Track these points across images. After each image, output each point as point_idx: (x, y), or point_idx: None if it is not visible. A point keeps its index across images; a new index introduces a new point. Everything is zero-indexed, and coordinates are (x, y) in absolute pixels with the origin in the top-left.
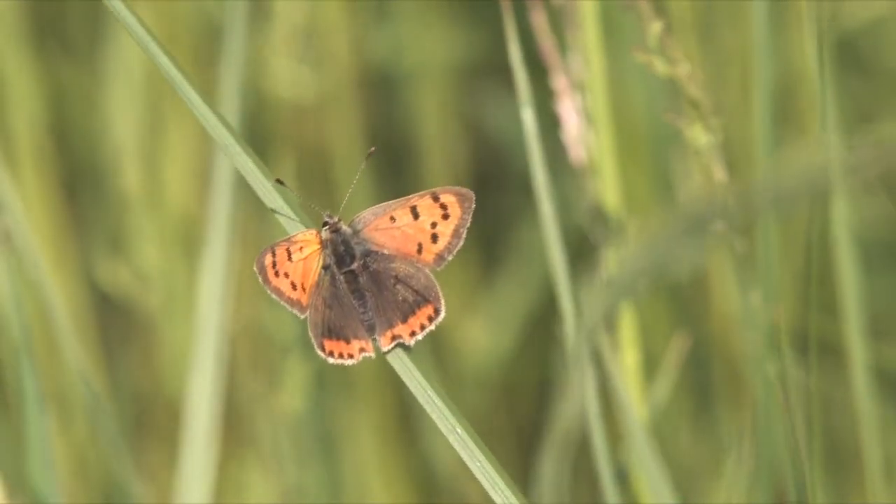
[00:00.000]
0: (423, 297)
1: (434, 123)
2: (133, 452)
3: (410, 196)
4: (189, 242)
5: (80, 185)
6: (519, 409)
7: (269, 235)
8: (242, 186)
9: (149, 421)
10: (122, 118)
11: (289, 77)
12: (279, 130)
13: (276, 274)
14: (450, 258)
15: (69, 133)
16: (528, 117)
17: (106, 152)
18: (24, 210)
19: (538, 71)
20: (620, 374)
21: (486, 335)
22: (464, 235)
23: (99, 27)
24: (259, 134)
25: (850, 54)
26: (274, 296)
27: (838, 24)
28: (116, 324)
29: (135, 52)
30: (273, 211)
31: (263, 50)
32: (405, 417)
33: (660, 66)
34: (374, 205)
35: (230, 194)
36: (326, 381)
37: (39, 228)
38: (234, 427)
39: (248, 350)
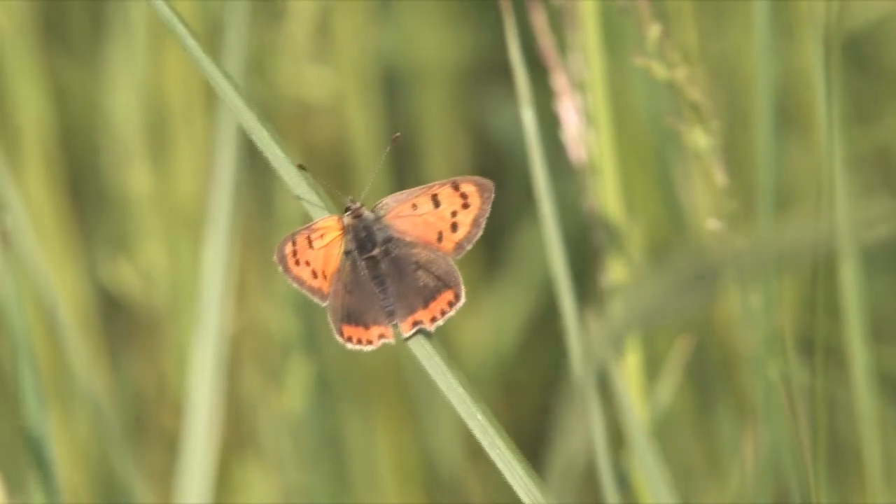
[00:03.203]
0: (443, 283)
1: (435, 123)
2: (135, 452)
3: (432, 184)
4: (193, 241)
5: (84, 183)
6: (520, 409)
7: (272, 234)
8: (246, 183)
9: (151, 420)
10: (126, 117)
11: (297, 76)
12: (288, 129)
13: (297, 263)
14: (469, 247)
15: (73, 132)
16: (529, 117)
17: (110, 151)
18: (28, 209)
19: (539, 71)
20: (622, 376)
21: (487, 334)
22: (483, 225)
23: (102, 27)
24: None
25: (853, 55)
26: (295, 285)
27: (840, 24)
28: (120, 323)
29: (138, 50)
30: (297, 197)
31: (271, 49)
32: (407, 417)
33: (659, 71)
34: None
35: (232, 192)
36: (328, 381)
37: (43, 227)
38: (236, 426)
39: (250, 349)
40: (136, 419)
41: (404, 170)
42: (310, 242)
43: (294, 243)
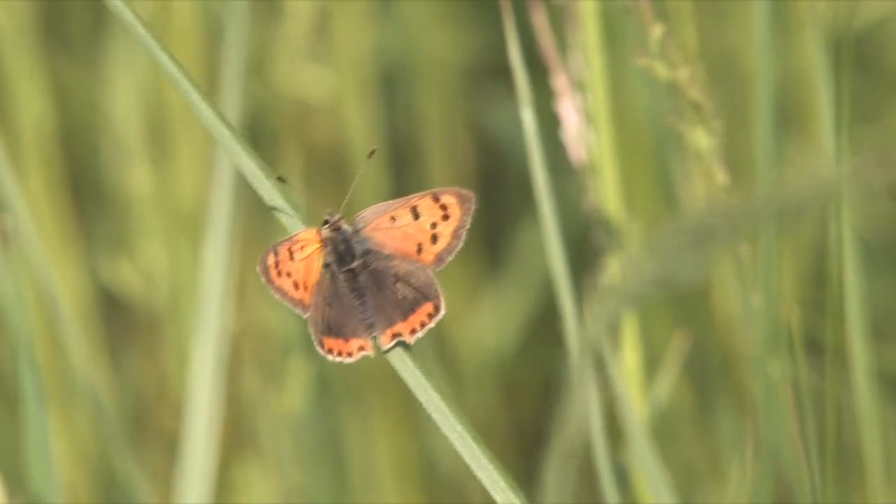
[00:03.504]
0: (422, 295)
1: (436, 123)
2: (135, 452)
3: (411, 196)
4: (194, 241)
5: (84, 183)
6: (520, 408)
7: (273, 234)
8: (246, 184)
9: (151, 420)
10: (126, 117)
11: (297, 76)
12: (287, 129)
13: (279, 274)
14: (449, 259)
15: (73, 132)
16: (528, 118)
17: (110, 151)
18: (29, 209)
19: (539, 71)
20: (621, 374)
21: (487, 334)
22: (464, 237)
23: (102, 27)
24: (267, 132)
25: (853, 55)
26: (277, 296)
27: (842, 24)
28: (120, 323)
29: (139, 51)
30: (273, 209)
31: (272, 48)
32: (409, 416)
33: (661, 70)
34: (376, 203)
35: (231, 192)
36: (329, 381)
37: (43, 227)
38: (236, 427)
39: (251, 349)
40: (136, 419)
41: (404, 170)
42: (291, 254)
43: (276, 254)
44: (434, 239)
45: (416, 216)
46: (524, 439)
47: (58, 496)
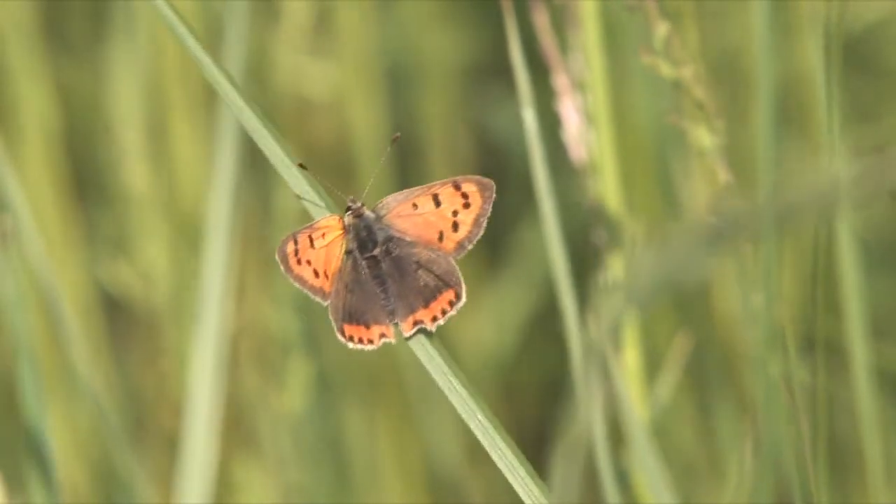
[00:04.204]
0: (444, 282)
1: (436, 122)
2: (135, 452)
3: (433, 183)
4: (194, 241)
5: (85, 183)
6: (521, 408)
7: (273, 234)
8: (246, 184)
9: (151, 420)
10: (127, 116)
11: (298, 73)
12: (288, 126)
13: (299, 262)
14: (470, 247)
15: (74, 131)
16: (529, 117)
17: (111, 150)
18: (30, 208)
19: (540, 70)
20: (622, 374)
21: (488, 333)
22: (484, 225)
23: (103, 27)
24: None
25: (853, 55)
26: (296, 284)
27: (842, 24)
28: (120, 323)
29: (140, 50)
30: (298, 196)
31: (272, 46)
32: (410, 415)
33: (665, 68)
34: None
35: (231, 192)
36: (329, 380)
37: (45, 227)
38: (236, 426)
39: (251, 349)
40: (136, 419)
41: (405, 168)
42: (311, 242)
43: (295, 242)
44: (455, 227)
45: (438, 204)
46: (525, 439)
47: (58, 496)
